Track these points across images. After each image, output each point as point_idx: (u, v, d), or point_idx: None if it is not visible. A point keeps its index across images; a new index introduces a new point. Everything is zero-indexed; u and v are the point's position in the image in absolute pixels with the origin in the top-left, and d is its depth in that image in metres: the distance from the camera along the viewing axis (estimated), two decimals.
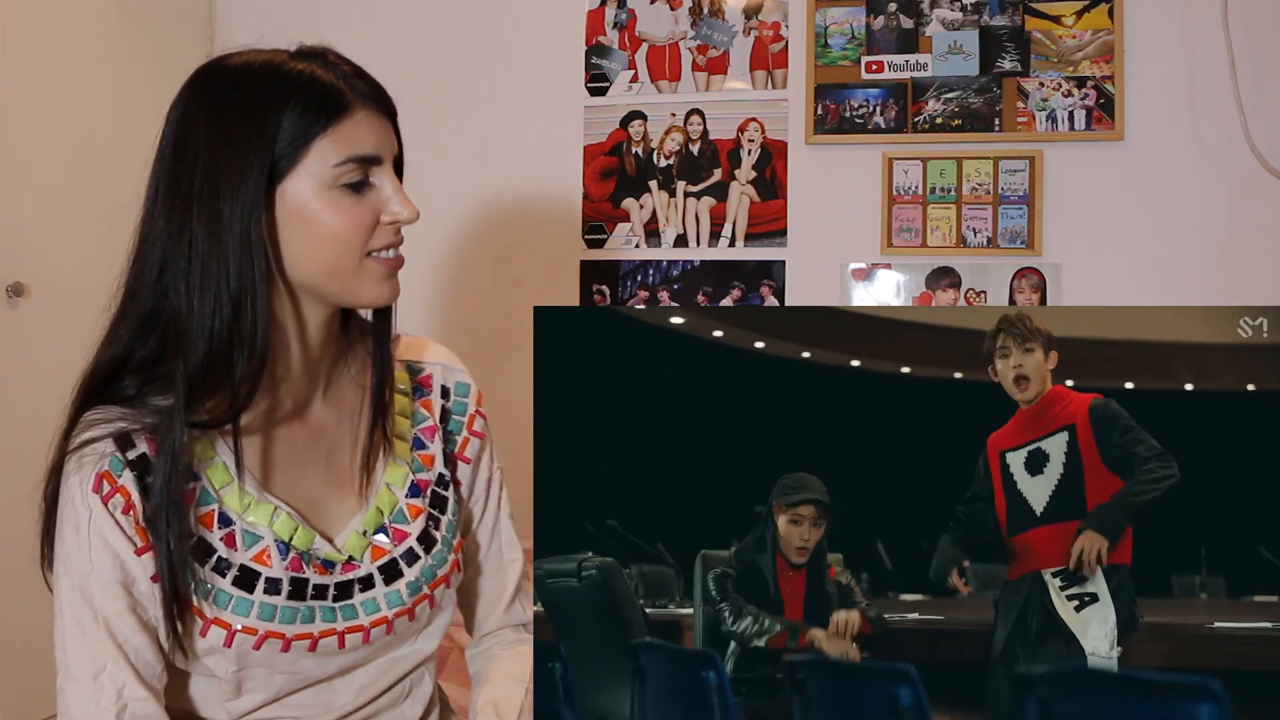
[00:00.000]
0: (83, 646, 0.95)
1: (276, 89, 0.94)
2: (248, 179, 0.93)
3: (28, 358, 2.26)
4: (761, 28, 2.68)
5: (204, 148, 0.94)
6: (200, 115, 0.95)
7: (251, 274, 0.93)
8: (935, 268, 2.57)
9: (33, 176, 2.32)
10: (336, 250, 0.97)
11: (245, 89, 0.95)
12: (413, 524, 1.06)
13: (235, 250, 0.93)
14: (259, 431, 1.02)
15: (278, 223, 0.95)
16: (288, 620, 0.98)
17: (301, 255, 0.97)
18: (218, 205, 0.93)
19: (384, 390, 1.06)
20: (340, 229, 0.96)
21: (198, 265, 0.93)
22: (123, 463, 0.95)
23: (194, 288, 0.93)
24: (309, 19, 2.86)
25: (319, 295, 1.00)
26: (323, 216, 0.96)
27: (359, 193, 0.97)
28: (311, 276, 0.98)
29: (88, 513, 0.94)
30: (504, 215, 2.82)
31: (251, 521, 0.99)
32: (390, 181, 0.99)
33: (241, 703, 1.01)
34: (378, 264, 0.99)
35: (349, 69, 0.99)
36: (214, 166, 0.93)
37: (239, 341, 0.94)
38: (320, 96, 0.95)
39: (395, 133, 1.02)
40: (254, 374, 0.95)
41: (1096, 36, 2.50)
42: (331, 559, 1.02)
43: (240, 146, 0.93)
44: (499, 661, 1.17)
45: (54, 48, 2.39)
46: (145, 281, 0.96)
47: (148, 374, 0.97)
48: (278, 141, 0.93)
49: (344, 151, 0.95)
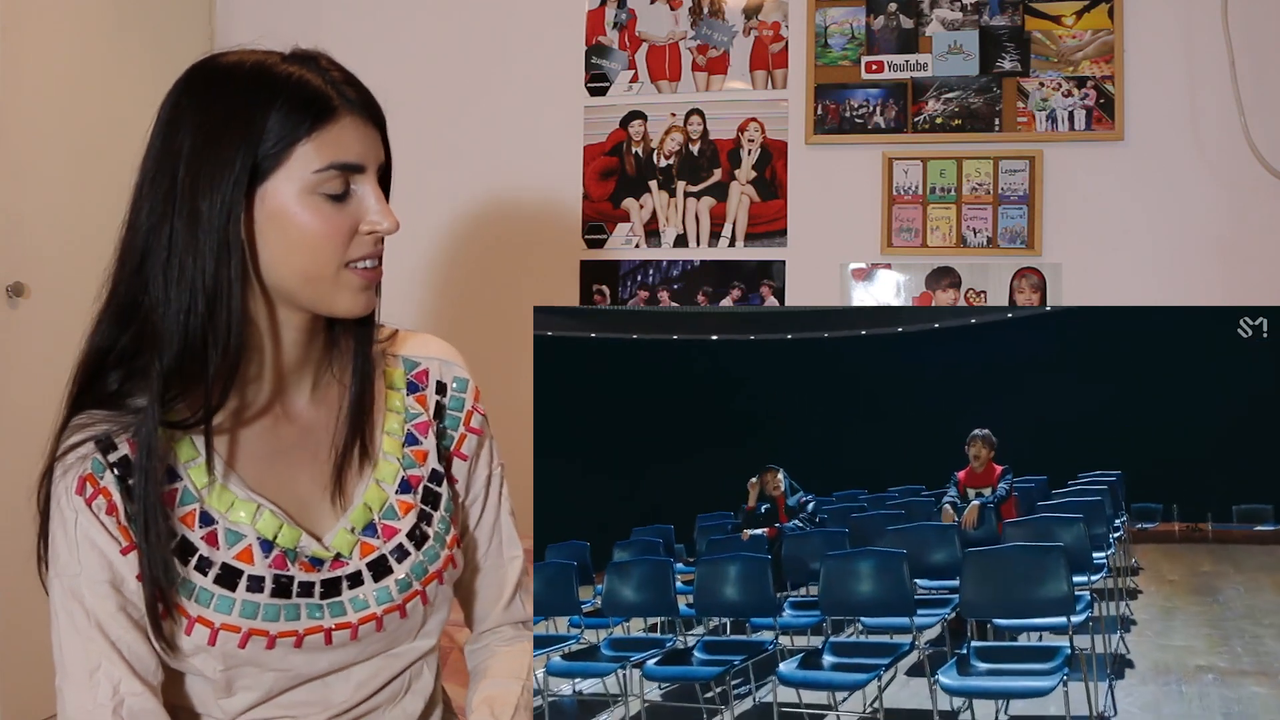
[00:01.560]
0: (77, 645, 0.96)
1: (265, 89, 0.95)
2: (229, 176, 0.93)
3: (28, 358, 2.26)
4: (761, 28, 2.68)
5: (189, 142, 0.94)
6: (188, 110, 0.95)
7: (227, 273, 0.94)
8: (935, 268, 2.57)
9: (33, 176, 2.32)
10: (313, 256, 0.97)
11: (234, 87, 0.95)
12: (403, 520, 1.06)
13: (212, 247, 0.93)
14: (244, 430, 1.02)
15: (257, 224, 0.96)
16: (271, 618, 0.98)
17: (278, 258, 0.97)
18: (198, 201, 0.93)
19: (362, 401, 1.06)
20: (318, 235, 0.96)
21: (175, 260, 0.93)
22: (104, 465, 0.96)
23: (171, 282, 0.94)
24: (309, 19, 2.86)
25: (294, 300, 1.00)
26: (301, 221, 0.96)
27: (339, 201, 0.97)
28: (287, 280, 0.98)
29: (74, 515, 0.95)
30: (504, 215, 2.82)
31: (234, 520, 0.99)
32: (372, 191, 0.99)
33: (235, 701, 1.01)
34: (355, 275, 0.99)
35: (339, 75, 0.99)
36: (197, 161, 0.93)
37: (213, 339, 0.94)
38: (307, 99, 0.95)
39: (384, 142, 1.02)
40: (227, 372, 0.96)
41: (1096, 36, 2.50)
42: (319, 556, 1.02)
43: (224, 143, 0.93)
44: (497, 658, 1.17)
45: (54, 48, 2.39)
46: (126, 272, 0.97)
47: (129, 367, 0.97)
48: (263, 141, 0.93)
49: (327, 157, 0.95)
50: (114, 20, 2.58)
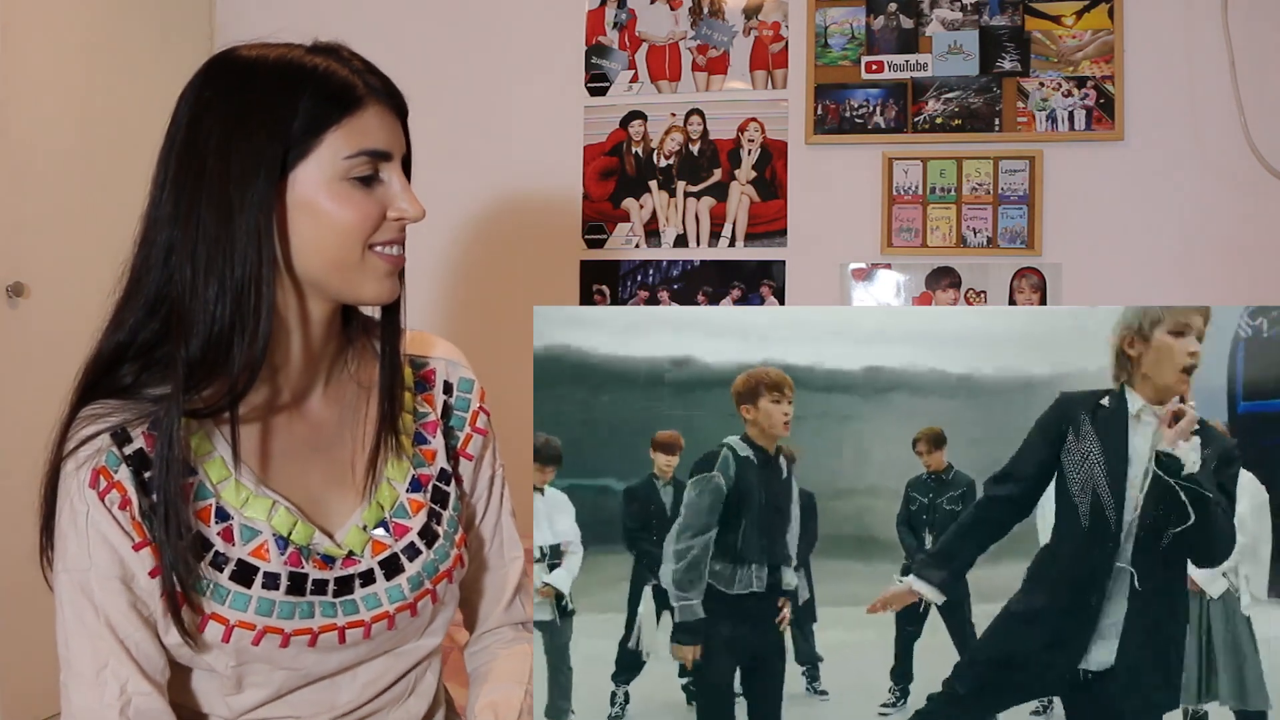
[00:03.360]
0: (85, 642, 0.94)
1: (293, 79, 0.95)
2: (260, 165, 0.93)
3: (28, 358, 2.25)
4: (761, 28, 2.68)
5: (217, 132, 0.94)
6: (215, 101, 0.95)
7: (258, 261, 0.93)
8: (935, 268, 2.57)
9: (33, 176, 2.31)
10: (341, 242, 0.97)
11: (261, 78, 0.95)
12: (414, 519, 1.06)
13: (243, 236, 0.93)
14: (257, 425, 1.02)
15: (286, 212, 0.96)
16: (286, 615, 0.98)
17: (308, 246, 0.97)
18: (228, 190, 0.93)
19: (394, 390, 1.06)
20: (347, 221, 0.96)
21: (204, 249, 0.93)
22: (119, 458, 0.94)
23: (199, 271, 0.93)
24: (309, 19, 2.86)
25: (321, 289, 1.00)
26: (330, 207, 0.96)
27: (368, 187, 0.97)
28: (316, 268, 0.98)
29: (85, 509, 0.94)
30: (504, 215, 2.82)
31: (250, 516, 0.99)
32: (399, 178, 1.00)
33: (243, 699, 1.01)
34: (380, 259, 0.99)
35: (361, 64, 1.00)
36: (227, 151, 0.93)
37: (240, 328, 0.94)
38: (336, 89, 0.96)
39: (405, 133, 1.03)
40: (254, 362, 0.95)
41: (1096, 36, 2.50)
42: (331, 554, 1.02)
43: (254, 133, 0.93)
44: (498, 661, 1.17)
45: (55, 48, 2.39)
46: (152, 264, 0.96)
47: (147, 358, 0.97)
48: (292, 131, 0.94)
49: (356, 144, 0.96)
50: (115, 20, 2.58)
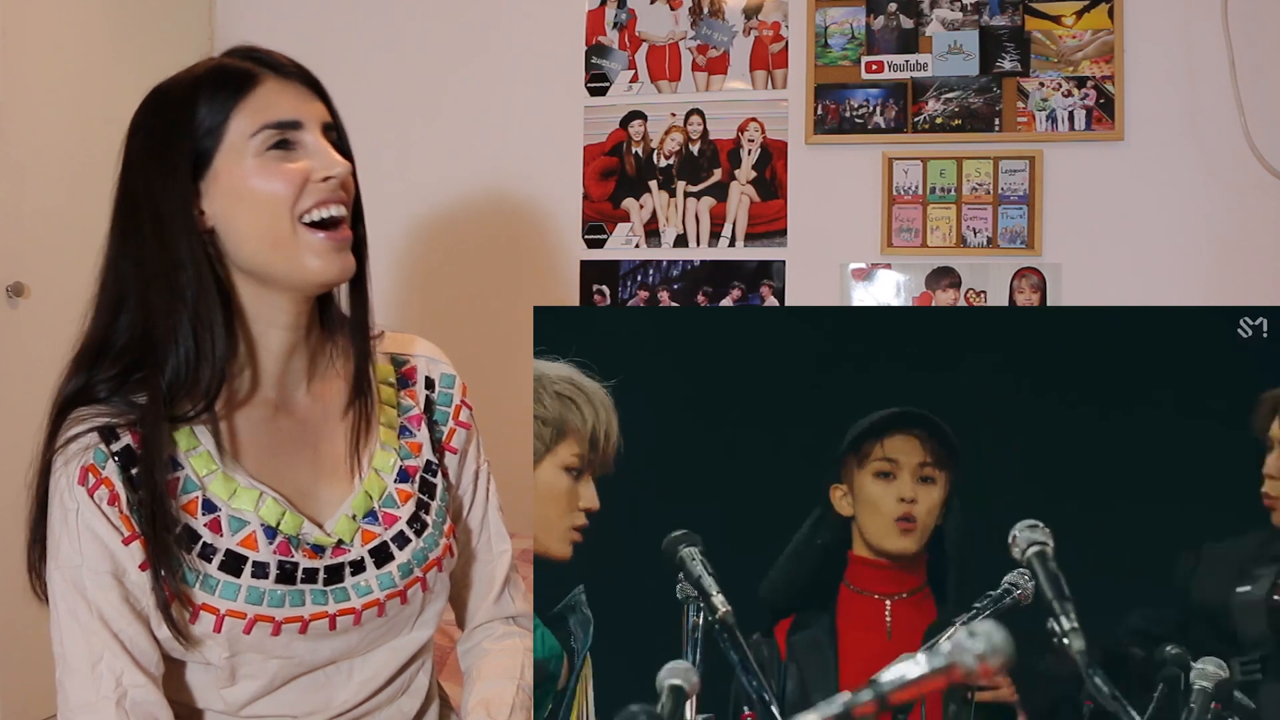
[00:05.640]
0: (79, 638, 0.96)
1: (191, 85, 1.00)
2: (175, 167, 0.98)
3: (28, 358, 2.26)
4: (761, 28, 2.68)
5: (137, 155, 1.00)
6: (134, 135, 1.02)
7: (194, 258, 0.97)
8: (935, 268, 2.57)
9: (33, 176, 2.32)
10: (272, 213, 0.99)
11: (165, 98, 1.01)
12: (402, 508, 1.08)
13: (178, 236, 0.97)
14: (244, 422, 1.04)
15: (218, 207, 0.99)
16: (276, 603, 0.99)
17: (243, 231, 0.99)
18: (155, 200, 0.98)
19: (364, 370, 1.08)
20: (270, 192, 0.98)
21: (156, 291, 0.97)
22: (106, 454, 0.97)
23: (157, 314, 0.97)
24: (309, 19, 2.86)
25: (269, 275, 1.01)
26: (251, 183, 0.98)
27: (288, 158, 1.00)
28: (257, 254, 1.00)
29: (75, 506, 0.96)
30: (504, 215, 2.82)
31: (237, 507, 1.00)
32: (314, 141, 1.01)
33: (237, 691, 1.02)
34: (313, 234, 1.00)
35: (262, 52, 1.03)
36: (145, 167, 0.99)
37: (200, 352, 0.97)
38: (228, 76, 1.00)
39: (325, 101, 1.04)
40: (219, 376, 0.99)
41: (1096, 36, 2.50)
42: (321, 543, 1.03)
43: (165, 143, 0.98)
44: (489, 657, 1.17)
45: (54, 48, 2.40)
46: (109, 318, 1.01)
47: (124, 363, 1.00)
48: (197, 129, 0.98)
49: (258, 120, 0.98)
50: (114, 20, 2.58)
